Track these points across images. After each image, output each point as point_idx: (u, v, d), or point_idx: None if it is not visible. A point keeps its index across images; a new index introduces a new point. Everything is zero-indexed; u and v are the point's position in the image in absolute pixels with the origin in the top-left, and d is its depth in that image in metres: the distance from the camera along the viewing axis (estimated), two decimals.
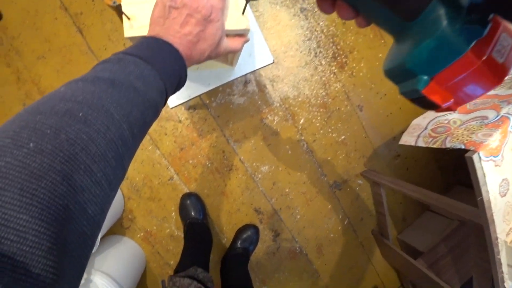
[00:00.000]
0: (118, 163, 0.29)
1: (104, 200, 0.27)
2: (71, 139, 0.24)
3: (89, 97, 0.28)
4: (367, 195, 1.52)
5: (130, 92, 0.32)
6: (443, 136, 0.95)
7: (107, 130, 0.28)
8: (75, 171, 0.24)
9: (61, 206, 0.22)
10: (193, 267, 1.00)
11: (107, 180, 0.27)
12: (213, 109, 1.36)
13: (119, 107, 0.30)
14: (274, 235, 1.46)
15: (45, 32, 1.25)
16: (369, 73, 1.43)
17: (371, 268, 1.60)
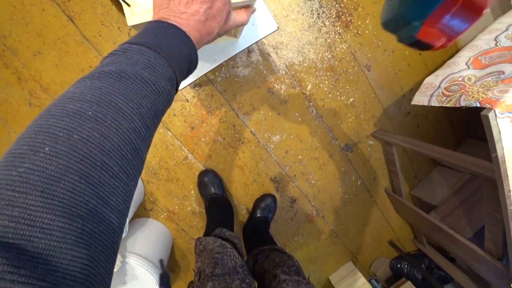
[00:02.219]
0: (134, 154, 0.30)
1: (125, 191, 0.29)
2: (84, 139, 0.26)
3: (97, 94, 0.29)
4: (378, 155, 1.54)
5: (138, 83, 0.32)
6: (458, 94, 0.93)
7: (119, 125, 0.28)
8: (91, 169, 0.25)
9: (82, 202, 0.24)
10: (219, 228, 1.04)
11: (124, 172, 0.28)
12: (218, 84, 1.34)
13: (128, 100, 0.30)
14: (291, 202, 1.52)
15: (35, 25, 1.20)
16: (375, 30, 1.36)
17: (386, 224, 1.67)
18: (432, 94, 1.05)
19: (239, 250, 1.03)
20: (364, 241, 1.68)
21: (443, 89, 1.01)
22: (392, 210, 1.64)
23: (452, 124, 1.58)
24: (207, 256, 0.95)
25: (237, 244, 1.04)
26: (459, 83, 0.96)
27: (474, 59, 1.01)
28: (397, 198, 1.50)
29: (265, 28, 0.92)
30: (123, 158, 0.28)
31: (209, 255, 0.94)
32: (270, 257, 1.04)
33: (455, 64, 1.05)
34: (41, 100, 1.27)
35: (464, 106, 0.89)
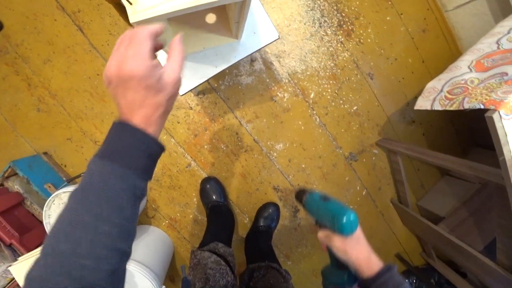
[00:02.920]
0: (110, 250, 0.36)
1: (110, 278, 0.36)
2: (62, 251, 0.35)
3: (67, 215, 0.37)
4: (383, 164, 1.52)
5: (95, 194, 0.37)
6: (461, 97, 0.92)
7: (86, 235, 0.36)
8: (72, 269, 0.34)
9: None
10: (214, 242, 1.03)
11: (106, 263, 0.36)
12: (222, 92, 1.35)
13: (89, 211, 0.37)
14: (294, 211, 1.49)
15: (46, 35, 1.25)
16: (377, 38, 1.37)
17: (392, 236, 1.62)
18: (434, 98, 1.04)
19: (232, 268, 1.02)
20: None
21: (446, 92, 1.00)
22: (398, 221, 1.59)
23: (457, 132, 1.55)
24: (200, 270, 0.95)
25: (230, 262, 1.03)
26: (462, 86, 0.95)
27: (476, 62, 1.00)
28: (404, 209, 1.46)
29: (267, 37, 0.94)
30: (99, 256, 0.35)
31: (202, 269, 0.94)
32: (266, 276, 1.03)
33: (458, 67, 1.05)
34: (49, 106, 1.30)
35: (467, 109, 0.87)
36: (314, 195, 0.89)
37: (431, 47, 1.42)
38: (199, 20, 0.83)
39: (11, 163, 1.17)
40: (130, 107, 0.40)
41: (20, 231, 1.10)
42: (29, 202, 1.22)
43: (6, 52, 1.26)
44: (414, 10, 1.37)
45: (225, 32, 0.87)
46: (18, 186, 1.21)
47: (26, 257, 0.94)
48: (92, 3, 1.24)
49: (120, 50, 0.40)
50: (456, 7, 1.27)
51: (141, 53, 0.39)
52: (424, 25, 1.39)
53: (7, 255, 1.03)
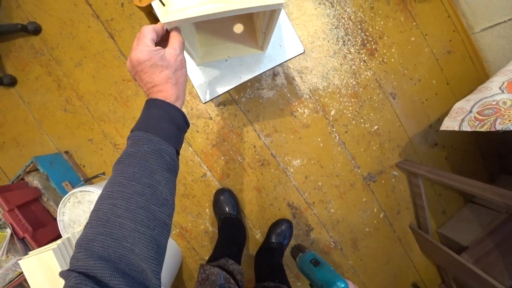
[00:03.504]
0: (143, 209, 0.40)
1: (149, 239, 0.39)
2: (104, 212, 0.39)
3: (111, 179, 0.43)
4: (403, 187, 1.47)
5: (128, 158, 0.44)
6: (492, 118, 0.89)
7: (122, 193, 0.40)
8: (113, 228, 0.38)
9: (111, 251, 0.36)
10: (224, 258, 1.01)
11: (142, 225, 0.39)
12: (242, 104, 1.36)
13: (123, 173, 0.42)
14: (307, 230, 1.45)
15: (80, 40, 1.32)
16: (401, 58, 1.37)
17: (409, 263, 1.54)
18: (463, 118, 1.01)
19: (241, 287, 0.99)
20: (384, 281, 1.54)
21: (476, 113, 0.97)
22: (417, 248, 1.51)
23: (484, 157, 1.49)
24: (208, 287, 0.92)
25: (239, 280, 1.01)
26: (493, 107, 0.92)
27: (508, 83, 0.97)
28: (423, 236, 1.39)
29: (292, 50, 0.95)
30: (133, 214, 0.38)
31: (210, 286, 0.92)
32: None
33: (488, 88, 1.02)
34: (75, 107, 1.34)
35: (500, 130, 0.84)
36: (306, 256, 0.89)
37: (457, 69, 1.40)
38: (226, 30, 0.85)
39: (33, 158, 1.21)
40: (147, 87, 0.49)
41: (34, 225, 1.11)
42: (46, 198, 1.24)
43: (42, 54, 1.32)
44: (440, 32, 1.36)
45: (251, 43, 0.88)
46: (37, 182, 1.24)
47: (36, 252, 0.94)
48: (125, 12, 1.31)
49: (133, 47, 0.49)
50: (483, 29, 1.26)
51: (143, 43, 0.48)
52: (450, 46, 1.37)
53: (19, 249, 1.03)
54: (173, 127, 0.48)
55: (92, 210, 0.40)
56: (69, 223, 1.15)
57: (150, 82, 0.49)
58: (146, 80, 0.49)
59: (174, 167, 0.46)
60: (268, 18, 0.63)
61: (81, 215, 1.14)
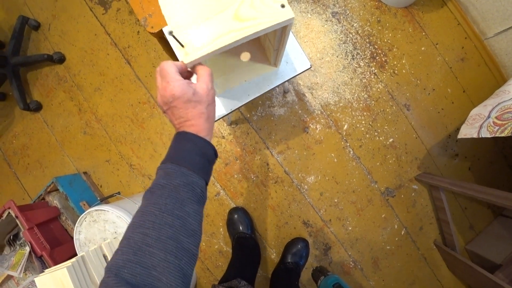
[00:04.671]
0: (173, 240, 0.41)
1: (177, 269, 0.40)
2: (136, 240, 0.40)
3: (141, 209, 0.44)
4: (425, 202, 1.39)
5: (160, 190, 0.44)
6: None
7: (153, 223, 0.41)
8: (143, 257, 0.39)
9: (139, 279, 0.37)
10: (236, 279, 0.98)
11: (171, 255, 0.40)
12: (254, 123, 1.38)
13: (156, 205, 0.43)
14: (325, 249, 1.39)
15: (100, 67, 1.40)
16: (412, 69, 1.35)
17: (437, 284, 1.43)
18: (481, 125, 0.97)
19: None
20: None
21: (494, 118, 0.93)
22: (444, 267, 1.41)
23: (511, 167, 1.40)
24: None
25: None
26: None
27: None
28: (450, 253, 1.30)
29: (299, 66, 0.96)
30: (163, 244, 0.40)
31: None
32: None
33: (505, 92, 0.98)
34: (94, 130, 1.41)
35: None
36: (329, 281, 0.85)
37: (472, 76, 1.36)
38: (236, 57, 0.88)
39: (54, 179, 1.26)
40: (180, 122, 0.50)
41: (52, 244, 1.13)
42: (65, 217, 1.27)
43: (65, 81, 1.42)
44: (451, 40, 1.34)
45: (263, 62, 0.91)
46: (57, 201, 1.28)
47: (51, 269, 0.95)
48: (140, 39, 1.39)
49: (158, 84, 0.50)
50: (496, 34, 1.22)
51: (173, 78, 0.48)
52: (463, 54, 1.34)
53: (37, 266, 1.05)
54: (204, 161, 0.49)
55: (123, 238, 0.41)
56: (84, 242, 1.17)
57: (183, 117, 0.49)
58: (179, 115, 0.49)
59: (203, 198, 0.48)
60: (279, 35, 0.65)
61: (96, 234, 1.16)
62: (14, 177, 1.47)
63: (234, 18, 0.54)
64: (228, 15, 0.54)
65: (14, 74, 1.38)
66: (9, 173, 1.47)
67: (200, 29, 0.54)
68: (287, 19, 0.54)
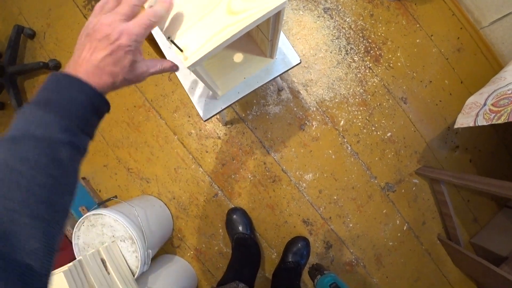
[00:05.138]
0: (45, 203, 0.34)
1: (45, 234, 0.33)
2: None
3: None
4: (426, 196, 1.37)
5: (32, 142, 0.35)
6: (509, 108, 0.82)
7: (19, 185, 0.33)
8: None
9: None
10: (234, 281, 0.97)
11: (40, 219, 0.33)
12: (249, 122, 1.37)
13: (24, 160, 0.34)
14: (326, 247, 1.37)
15: None
16: (408, 61, 1.33)
17: (443, 280, 1.39)
18: (477, 113, 0.95)
19: None
20: None
21: (490, 105, 0.91)
22: (449, 262, 1.38)
23: None
24: None
25: None
26: (509, 97, 0.86)
27: None
28: (455, 247, 1.27)
29: (288, 62, 0.95)
30: (31, 209, 0.32)
31: None
32: None
33: (501, 79, 0.96)
34: None
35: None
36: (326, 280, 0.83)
37: (469, 66, 1.33)
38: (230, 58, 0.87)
39: None
40: (90, 61, 0.43)
41: None
42: None
43: None
44: (446, 30, 1.32)
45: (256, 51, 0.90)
46: None
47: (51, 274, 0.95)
48: None
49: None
50: (491, 22, 1.20)
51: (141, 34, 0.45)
52: (459, 44, 1.32)
53: None
54: (95, 117, 0.44)
55: None
56: (83, 246, 1.17)
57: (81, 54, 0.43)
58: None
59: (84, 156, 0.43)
60: (273, 23, 0.64)
61: (94, 238, 1.16)
62: None
63: (227, 13, 0.53)
64: (221, 11, 0.53)
65: (11, 83, 1.40)
66: None
67: (196, 29, 0.53)
68: (280, 4, 0.53)
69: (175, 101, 1.38)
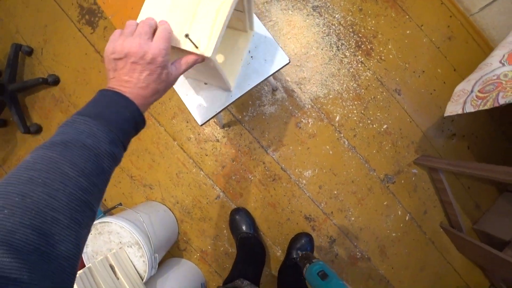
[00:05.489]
0: (84, 207, 0.36)
1: (77, 237, 0.35)
2: (35, 201, 0.32)
3: (46, 163, 0.36)
4: (426, 185, 1.37)
5: (82, 150, 0.38)
6: (494, 93, 0.83)
7: (65, 187, 0.35)
8: (43, 223, 0.32)
9: (33, 248, 0.30)
10: (239, 279, 0.99)
11: (76, 223, 0.35)
12: (246, 123, 1.39)
13: (73, 165, 0.36)
14: (330, 241, 1.39)
15: (93, 84, 1.44)
16: (399, 53, 1.33)
17: (448, 267, 1.40)
18: (465, 100, 0.96)
19: None
20: None
21: (477, 92, 0.92)
22: (453, 249, 1.38)
23: (511, 141, 1.37)
24: None
25: None
26: (494, 82, 0.87)
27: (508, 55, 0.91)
28: (458, 234, 1.27)
29: (277, 62, 0.97)
30: (72, 211, 0.35)
31: None
32: None
33: (488, 65, 0.96)
34: None
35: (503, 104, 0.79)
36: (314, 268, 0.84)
37: (461, 54, 1.33)
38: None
39: None
40: (131, 82, 0.48)
41: None
42: None
43: (61, 101, 1.46)
44: (435, 20, 1.32)
45: (239, 24, 0.90)
46: None
47: None
48: None
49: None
50: (481, 8, 1.20)
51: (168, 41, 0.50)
52: (449, 32, 1.32)
53: None
54: (132, 131, 0.48)
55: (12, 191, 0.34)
56: (92, 255, 1.20)
57: (124, 77, 0.47)
58: (122, 72, 0.47)
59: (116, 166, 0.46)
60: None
61: (102, 246, 1.19)
62: None
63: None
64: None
65: (12, 100, 1.44)
66: None
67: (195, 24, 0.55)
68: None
69: (173, 107, 1.41)
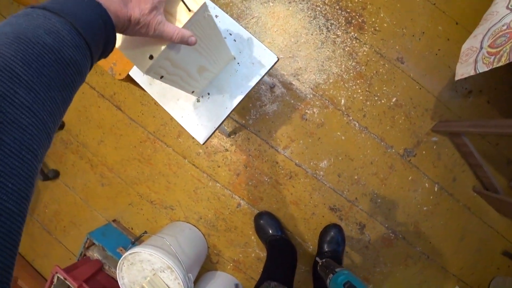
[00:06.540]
0: (37, 127, 0.27)
1: (29, 171, 0.25)
2: None
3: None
4: (449, 151, 1.29)
5: (39, 49, 0.28)
6: (508, 46, 0.75)
7: (15, 94, 0.25)
8: None
9: None
10: (266, 281, 0.98)
11: (29, 151, 0.25)
12: (251, 127, 1.36)
13: (27, 67, 0.26)
14: (359, 228, 1.35)
15: (95, 120, 1.47)
16: (393, 19, 1.25)
17: (490, 230, 1.32)
18: (475, 59, 0.88)
19: None
20: (467, 258, 1.34)
21: (487, 47, 0.84)
22: (492, 211, 1.30)
23: None
24: None
25: None
26: (506, 33, 0.79)
27: None
28: (494, 196, 1.19)
29: (265, 63, 0.94)
30: (21, 130, 0.25)
31: None
32: None
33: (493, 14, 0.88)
34: (110, 179, 1.48)
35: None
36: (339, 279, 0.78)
37: (461, 5, 1.23)
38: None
39: (87, 235, 1.35)
40: None
41: None
42: (108, 266, 1.35)
43: (70, 143, 1.50)
44: None
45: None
46: (97, 254, 1.37)
47: None
48: (122, 84, 1.43)
49: None
50: None
51: None
52: None
53: None
54: (104, 40, 0.39)
55: None
56: (129, 285, 1.23)
57: None
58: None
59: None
60: None
61: (137, 275, 1.22)
62: (57, 241, 1.59)
63: None
64: None
65: None
66: (51, 240, 1.59)
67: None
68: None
69: (176, 126, 1.41)
